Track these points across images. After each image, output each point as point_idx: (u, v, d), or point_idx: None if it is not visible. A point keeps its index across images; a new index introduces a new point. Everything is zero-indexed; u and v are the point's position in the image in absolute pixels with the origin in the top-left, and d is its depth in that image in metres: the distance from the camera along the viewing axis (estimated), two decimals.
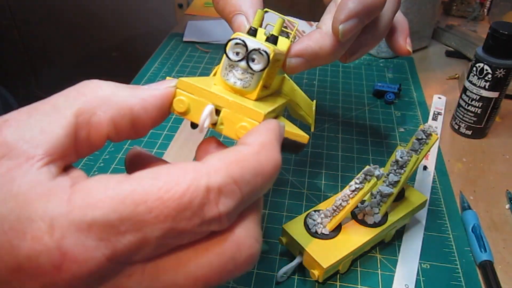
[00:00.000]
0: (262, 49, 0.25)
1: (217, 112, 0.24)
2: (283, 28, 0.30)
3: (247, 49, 0.25)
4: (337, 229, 0.36)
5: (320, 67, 0.67)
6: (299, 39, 0.30)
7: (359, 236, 0.36)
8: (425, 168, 0.48)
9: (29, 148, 0.18)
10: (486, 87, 0.49)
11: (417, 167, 0.39)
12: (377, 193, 0.37)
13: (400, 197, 0.39)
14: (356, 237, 0.36)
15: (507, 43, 0.47)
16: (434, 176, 0.47)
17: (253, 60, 0.26)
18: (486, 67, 0.48)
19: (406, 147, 0.38)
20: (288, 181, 0.46)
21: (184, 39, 0.74)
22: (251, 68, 0.25)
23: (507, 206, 0.44)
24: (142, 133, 0.23)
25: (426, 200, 0.40)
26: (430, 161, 0.49)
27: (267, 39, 0.27)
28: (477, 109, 0.51)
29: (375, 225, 0.36)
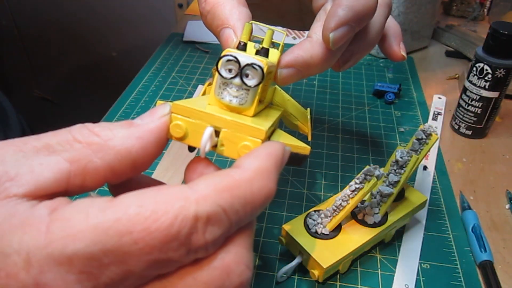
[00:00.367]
0: (256, 64, 0.24)
1: (216, 133, 0.23)
2: (272, 40, 0.29)
3: (240, 65, 0.24)
4: (337, 229, 0.36)
5: None
6: (289, 49, 0.30)
7: (359, 236, 0.36)
8: (425, 168, 0.48)
9: (12, 186, 0.17)
10: (486, 87, 0.49)
11: (417, 167, 0.39)
12: (377, 193, 0.37)
13: (400, 197, 0.39)
14: (356, 237, 0.36)
15: (507, 43, 0.47)
16: (434, 176, 0.47)
17: (247, 76, 0.25)
18: (486, 67, 0.48)
19: (406, 147, 0.38)
20: (288, 181, 0.46)
21: (184, 39, 0.74)
22: (246, 84, 0.25)
23: (507, 206, 0.44)
24: (143, 170, 0.22)
25: (426, 200, 0.40)
26: (430, 161, 0.49)
27: (258, 52, 0.27)
28: (477, 109, 0.51)
29: (375, 225, 0.36)
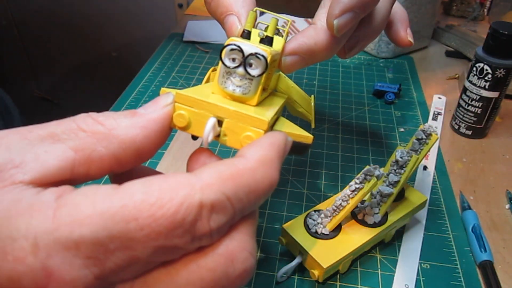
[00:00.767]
0: (259, 53, 0.24)
1: (219, 123, 0.23)
2: (278, 27, 0.29)
3: (244, 55, 0.24)
4: (337, 229, 0.36)
5: (320, 67, 0.67)
6: (293, 36, 0.29)
7: (359, 236, 0.36)
8: (425, 168, 0.48)
9: (17, 173, 0.18)
10: (486, 87, 0.49)
11: (417, 167, 0.39)
12: (377, 193, 0.37)
13: (400, 197, 0.39)
14: (356, 237, 0.36)
15: (507, 43, 0.47)
16: (434, 176, 0.47)
17: (251, 65, 0.25)
18: (486, 67, 0.48)
19: (406, 147, 0.38)
20: (288, 181, 0.46)
21: (184, 39, 0.74)
22: (250, 74, 0.25)
23: (507, 206, 0.44)
24: (147, 159, 0.22)
25: (426, 200, 0.40)
26: (430, 161, 0.49)
27: (262, 41, 0.27)
28: (477, 109, 0.51)
29: (375, 225, 0.36)
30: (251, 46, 0.24)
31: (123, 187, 0.17)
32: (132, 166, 0.21)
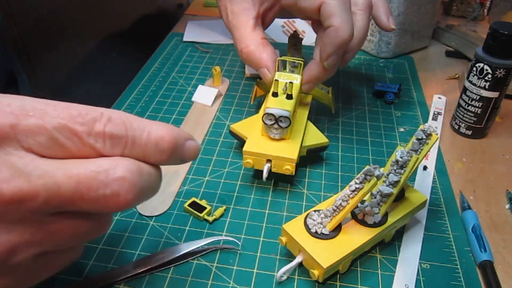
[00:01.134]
0: (284, 115, 0.42)
1: (269, 160, 0.42)
2: (294, 60, 0.48)
3: (275, 117, 0.42)
4: (337, 229, 0.36)
5: None
6: (305, 71, 0.47)
7: (359, 236, 0.36)
8: (425, 168, 0.48)
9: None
10: (486, 87, 0.49)
11: (417, 167, 0.39)
12: (377, 193, 0.37)
13: (400, 197, 0.39)
14: (356, 237, 0.36)
15: (507, 43, 0.47)
16: (434, 176, 0.47)
17: (281, 121, 0.42)
18: (486, 67, 0.48)
19: (406, 147, 0.38)
20: (288, 181, 0.46)
21: (184, 39, 0.74)
22: (281, 127, 0.43)
23: (507, 206, 0.44)
24: None
25: (426, 200, 0.40)
26: (430, 161, 0.49)
27: (287, 96, 0.44)
28: (477, 109, 0.51)
29: (375, 225, 0.36)
30: (279, 110, 0.42)
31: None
32: None
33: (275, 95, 0.44)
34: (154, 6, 1.24)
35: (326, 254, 0.34)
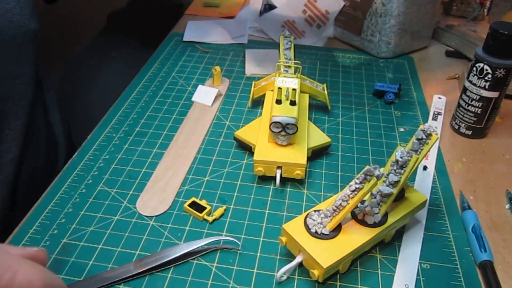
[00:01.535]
0: (292, 123, 0.44)
1: (279, 167, 0.44)
2: (289, 64, 0.53)
3: (282, 125, 0.44)
4: (337, 229, 0.36)
5: (320, 67, 0.67)
6: None
7: (359, 236, 0.36)
8: (425, 168, 0.48)
9: None
10: (486, 87, 0.49)
11: (417, 167, 0.39)
12: (377, 193, 0.37)
13: (400, 197, 0.39)
14: (356, 237, 0.36)
15: (507, 43, 0.47)
16: (434, 176, 0.47)
17: (288, 128, 0.44)
18: (486, 67, 0.48)
19: (406, 147, 0.38)
20: (288, 181, 0.46)
21: (184, 39, 0.74)
22: (288, 134, 0.44)
23: (507, 206, 0.44)
24: None
25: (426, 200, 0.40)
26: (430, 161, 0.49)
27: (291, 103, 0.45)
28: (477, 109, 0.51)
29: (375, 225, 0.36)
30: (286, 118, 0.43)
31: None
32: None
33: (279, 102, 0.45)
34: (154, 6, 1.24)
35: (326, 254, 0.34)
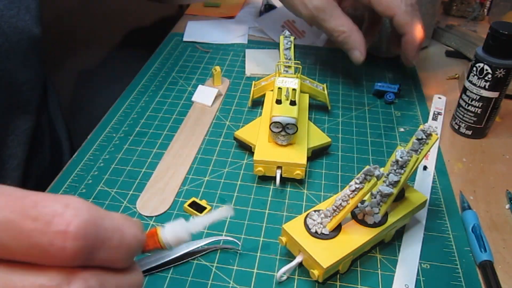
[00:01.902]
0: (291, 123, 0.43)
1: (279, 167, 0.44)
2: (289, 64, 0.53)
3: (282, 125, 0.43)
4: (337, 229, 0.36)
5: (320, 67, 0.67)
6: (404, 49, 0.55)
7: (359, 236, 0.36)
8: (425, 168, 0.48)
9: None
10: (486, 87, 0.49)
11: (417, 167, 0.39)
12: (377, 193, 0.37)
13: (400, 197, 0.39)
14: (356, 237, 0.36)
15: (507, 43, 0.47)
16: (434, 176, 0.47)
17: (288, 128, 0.43)
18: (486, 67, 0.48)
19: (406, 147, 0.38)
20: (288, 181, 0.46)
21: (184, 39, 0.74)
22: (288, 134, 0.44)
23: (507, 206, 0.44)
24: None
25: (426, 200, 0.40)
26: (430, 161, 0.49)
27: (291, 103, 0.45)
28: (477, 109, 0.51)
29: (375, 225, 0.36)
30: (286, 118, 0.43)
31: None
32: None
33: (279, 102, 0.45)
34: (154, 6, 1.24)
35: (326, 254, 0.34)
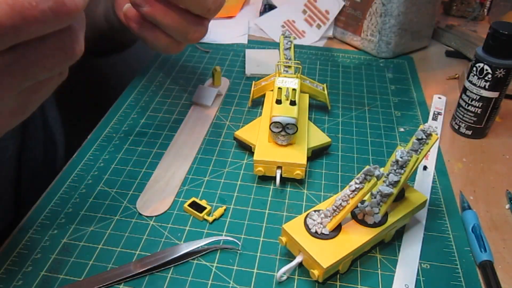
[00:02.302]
0: (291, 123, 0.43)
1: (279, 167, 0.44)
2: (289, 64, 0.52)
3: (283, 124, 0.43)
4: (337, 229, 0.36)
5: (320, 67, 0.67)
6: None
7: (359, 236, 0.36)
8: (425, 168, 0.48)
9: None
10: (486, 87, 0.49)
11: (417, 167, 0.39)
12: (377, 193, 0.37)
13: (400, 197, 0.39)
14: (356, 237, 0.36)
15: (507, 43, 0.47)
16: (434, 176, 0.47)
17: (288, 128, 0.43)
18: (486, 67, 0.48)
19: (406, 147, 0.38)
20: (288, 181, 0.46)
21: None
22: (288, 134, 0.44)
23: (507, 206, 0.44)
24: None
25: (426, 200, 0.40)
26: (430, 161, 0.49)
27: (291, 103, 0.45)
28: (477, 109, 0.51)
29: (375, 225, 0.36)
30: (286, 118, 0.43)
31: None
32: None
33: (279, 102, 0.45)
34: None
35: (326, 254, 0.34)
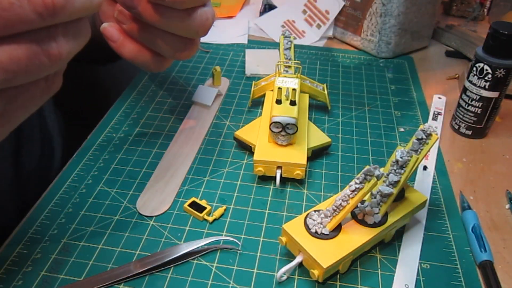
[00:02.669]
0: (291, 122, 0.43)
1: (279, 167, 0.43)
2: (289, 64, 0.52)
3: (283, 125, 0.43)
4: (337, 229, 0.36)
5: (320, 67, 0.67)
6: None
7: (359, 236, 0.36)
8: (425, 168, 0.48)
9: None
10: (486, 87, 0.49)
11: (417, 167, 0.39)
12: (377, 193, 0.37)
13: (400, 197, 0.39)
14: (356, 237, 0.36)
15: (507, 43, 0.47)
16: (434, 176, 0.47)
17: (288, 128, 0.43)
18: (486, 67, 0.48)
19: (406, 147, 0.38)
20: (288, 181, 0.46)
21: None
22: (288, 134, 0.44)
23: (507, 206, 0.44)
24: None
25: (426, 200, 0.40)
26: (430, 161, 0.49)
27: (291, 103, 0.45)
28: (477, 109, 0.51)
29: (375, 225, 0.36)
30: (286, 118, 0.43)
31: None
32: None
33: (279, 102, 0.45)
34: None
35: (326, 254, 0.34)
